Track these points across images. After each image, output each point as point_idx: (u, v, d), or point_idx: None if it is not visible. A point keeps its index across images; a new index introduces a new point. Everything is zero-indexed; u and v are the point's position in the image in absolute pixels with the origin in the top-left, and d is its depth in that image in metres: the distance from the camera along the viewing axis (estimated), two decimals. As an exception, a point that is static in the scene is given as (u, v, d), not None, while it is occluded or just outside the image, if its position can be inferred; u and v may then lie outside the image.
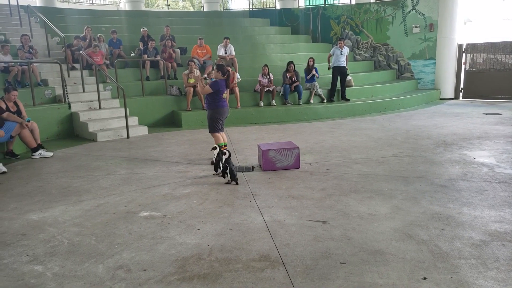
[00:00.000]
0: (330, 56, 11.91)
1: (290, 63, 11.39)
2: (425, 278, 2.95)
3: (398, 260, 3.21)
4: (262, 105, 11.14)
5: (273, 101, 11.27)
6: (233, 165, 5.36)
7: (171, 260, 3.33)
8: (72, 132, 9.20)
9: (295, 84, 11.31)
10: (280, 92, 11.40)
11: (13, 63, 9.39)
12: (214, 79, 6.28)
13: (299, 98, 11.38)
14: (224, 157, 5.35)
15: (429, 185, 5.06)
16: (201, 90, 6.42)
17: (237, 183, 5.33)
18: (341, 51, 11.65)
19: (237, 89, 10.82)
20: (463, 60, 14.39)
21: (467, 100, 14.18)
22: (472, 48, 14.27)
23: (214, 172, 5.75)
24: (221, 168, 5.42)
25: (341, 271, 3.08)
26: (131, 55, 12.19)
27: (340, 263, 3.20)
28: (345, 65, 11.71)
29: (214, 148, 5.74)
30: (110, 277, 3.08)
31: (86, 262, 3.32)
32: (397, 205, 4.41)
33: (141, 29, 12.47)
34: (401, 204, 4.45)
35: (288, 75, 11.34)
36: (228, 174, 5.34)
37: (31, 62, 9.25)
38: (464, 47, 14.29)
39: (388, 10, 15.25)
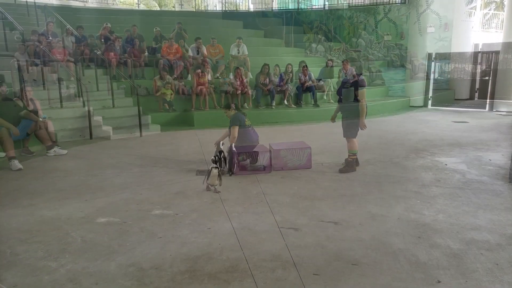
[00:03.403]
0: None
1: (265, 65, 11.20)
2: (439, 282, 2.93)
3: (410, 263, 3.19)
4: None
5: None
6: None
7: (182, 258, 3.34)
8: (86, 130, 9.27)
9: (307, 85, 11.30)
10: (252, 95, 11.10)
11: (29, 62, 9.51)
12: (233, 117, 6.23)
13: (274, 101, 11.18)
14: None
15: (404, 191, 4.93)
16: (232, 139, 5.99)
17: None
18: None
19: (249, 90, 10.86)
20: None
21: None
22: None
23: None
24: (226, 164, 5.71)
25: (353, 272, 3.07)
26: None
27: (352, 264, 3.18)
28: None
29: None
30: (122, 275, 3.11)
31: (99, 259, 3.35)
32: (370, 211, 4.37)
33: (103, 24, 12.06)
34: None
35: (262, 78, 11.10)
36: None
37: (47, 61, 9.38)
38: (480, 47, 14.11)
39: (402, 10, 15.07)
